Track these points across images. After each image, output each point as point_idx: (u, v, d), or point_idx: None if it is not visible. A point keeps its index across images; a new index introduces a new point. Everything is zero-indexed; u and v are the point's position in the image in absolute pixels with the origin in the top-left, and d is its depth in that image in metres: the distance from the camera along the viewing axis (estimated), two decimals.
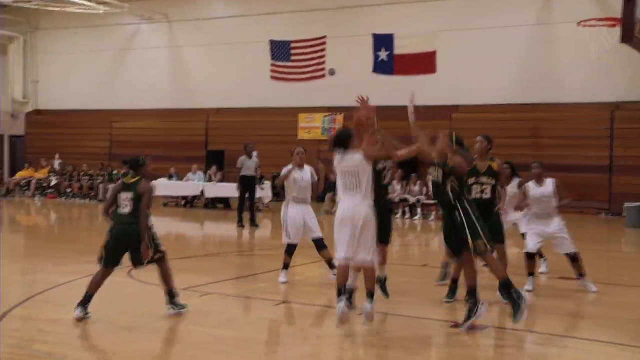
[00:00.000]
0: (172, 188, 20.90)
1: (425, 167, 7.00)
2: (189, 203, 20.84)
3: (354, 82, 21.57)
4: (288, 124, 22.86)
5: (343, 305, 5.96)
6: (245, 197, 15.45)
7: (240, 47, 23.78)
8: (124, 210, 6.36)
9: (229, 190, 19.01)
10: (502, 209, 7.82)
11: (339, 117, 22.17)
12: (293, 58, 23.03)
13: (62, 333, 5.99)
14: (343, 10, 22.49)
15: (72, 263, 9.82)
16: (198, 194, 20.52)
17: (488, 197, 7.40)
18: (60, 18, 26.02)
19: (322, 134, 22.46)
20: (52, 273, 8.87)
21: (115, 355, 5.50)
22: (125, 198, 6.35)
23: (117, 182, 21.81)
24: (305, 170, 8.78)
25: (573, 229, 8.31)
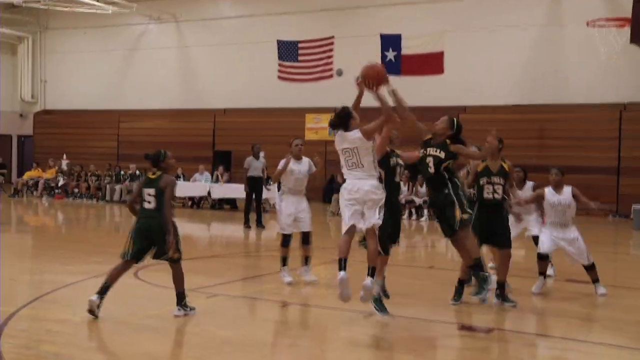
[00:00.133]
0: (179, 189, 20.75)
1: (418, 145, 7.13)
2: (196, 204, 20.88)
3: None
4: (295, 125, 22.83)
5: (344, 274, 5.99)
6: (252, 198, 15.48)
7: (248, 47, 23.81)
8: (149, 206, 6.47)
9: (236, 191, 19.03)
10: (516, 210, 7.73)
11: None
12: (301, 58, 23.01)
13: (69, 334, 6.01)
14: (351, 11, 22.48)
15: (80, 263, 9.87)
16: (205, 195, 20.54)
17: (500, 197, 7.35)
18: (69, 18, 26.13)
19: (329, 135, 22.40)
20: (60, 273, 8.90)
21: (123, 356, 5.53)
22: (149, 194, 6.47)
23: (124, 182, 22.32)
24: (303, 162, 8.84)
25: (581, 231, 8.26)
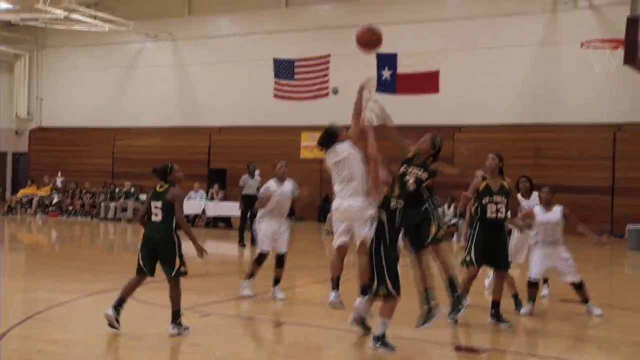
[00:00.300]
0: None
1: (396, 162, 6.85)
2: (191, 222, 20.78)
3: None
4: (291, 143, 22.85)
5: (334, 296, 6.21)
6: (247, 216, 15.43)
7: (244, 65, 23.87)
8: (155, 219, 6.53)
9: (231, 209, 18.99)
10: (525, 227, 7.56)
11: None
12: (297, 76, 23.08)
13: (61, 354, 5.95)
14: (347, 29, 22.22)
15: (74, 281, 9.80)
16: (200, 213, 20.49)
17: (503, 216, 7.22)
18: (67, 36, 26.19)
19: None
20: (53, 291, 8.84)
21: None
22: (156, 206, 6.52)
23: (119, 200, 22.26)
24: (286, 185, 8.81)
25: (575, 251, 8.26)
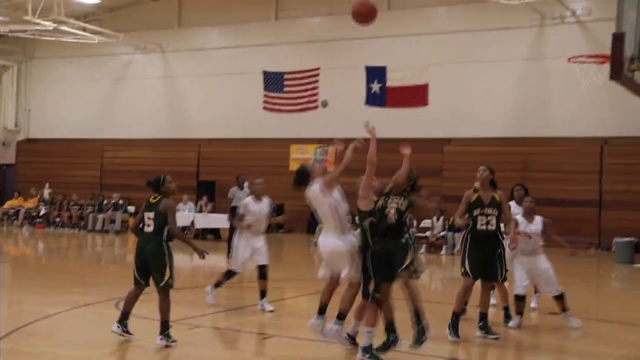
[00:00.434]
0: None
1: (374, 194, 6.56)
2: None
3: (347, 114, 21.71)
4: (280, 155, 22.88)
5: (313, 320, 6.29)
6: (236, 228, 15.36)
7: (233, 77, 23.91)
8: (148, 229, 6.66)
9: (220, 221, 18.94)
10: (514, 239, 7.36)
11: (331, 148, 22.25)
12: (286, 89, 23.14)
13: None
14: (336, 43, 22.70)
15: (61, 294, 9.73)
16: (188, 225, 20.43)
17: (493, 228, 7.18)
18: (55, 47, 26.12)
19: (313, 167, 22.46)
20: (40, 304, 8.75)
21: None
22: (149, 217, 6.65)
23: (107, 211, 22.15)
24: (263, 202, 8.97)
25: (563, 264, 8.31)
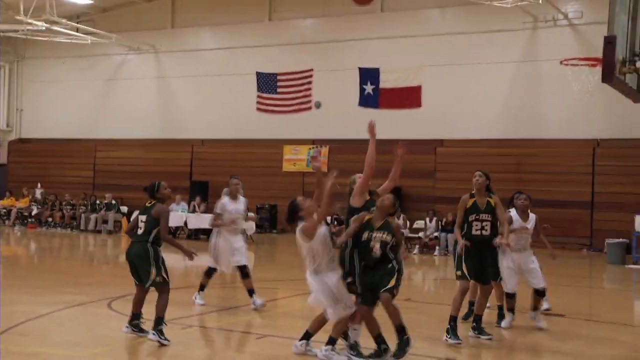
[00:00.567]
0: None
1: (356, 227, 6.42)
2: (172, 234, 20.69)
3: (340, 115, 21.77)
4: (273, 156, 22.89)
5: (298, 343, 6.39)
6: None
7: (227, 78, 23.90)
8: (140, 232, 6.87)
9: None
10: (505, 245, 7.37)
11: (325, 149, 22.27)
12: (279, 90, 23.15)
13: None
14: (330, 44, 22.73)
15: (53, 294, 9.69)
16: (181, 225, 20.40)
17: (488, 234, 7.23)
18: (48, 48, 26.03)
19: (307, 167, 22.52)
20: (31, 304, 8.70)
21: None
22: (142, 221, 6.87)
23: (99, 211, 22.08)
24: (240, 201, 9.03)
25: (555, 265, 8.34)
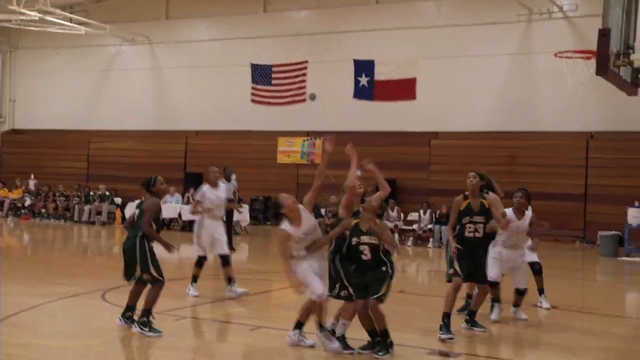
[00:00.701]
0: None
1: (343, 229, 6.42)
2: (166, 225, 20.66)
3: (335, 107, 21.74)
4: (268, 148, 22.87)
5: (292, 333, 6.47)
6: (223, 220, 15.36)
7: (222, 70, 23.83)
8: (134, 225, 6.93)
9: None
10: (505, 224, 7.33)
11: (319, 141, 22.25)
12: (274, 82, 23.11)
13: (33, 358, 5.88)
14: (325, 36, 22.67)
15: (47, 285, 9.67)
16: (175, 217, 20.38)
17: (480, 236, 7.20)
18: (41, 38, 25.89)
19: (301, 158, 22.51)
20: (24, 295, 8.68)
21: None
22: (136, 214, 6.98)
23: (93, 203, 22.05)
24: (220, 189, 9.34)
25: (548, 257, 8.36)
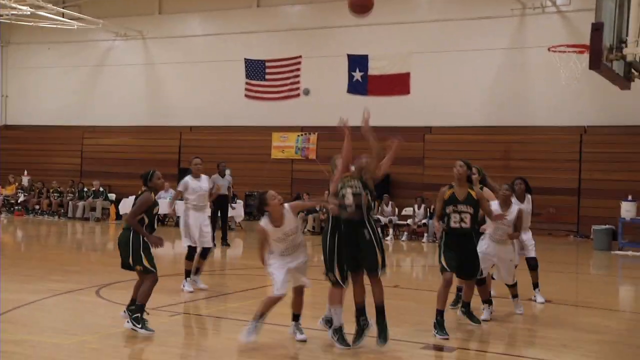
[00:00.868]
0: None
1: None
2: (160, 221, 20.64)
3: (329, 102, 21.69)
4: (262, 143, 22.83)
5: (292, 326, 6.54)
6: (218, 215, 15.41)
7: (215, 65, 23.76)
8: None
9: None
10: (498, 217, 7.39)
11: (313, 136, 22.23)
12: (268, 77, 23.07)
13: (27, 355, 5.86)
14: (318, 31, 22.63)
15: (41, 281, 9.65)
16: (170, 212, 20.30)
17: (467, 226, 7.01)
18: (33, 33, 25.75)
19: (295, 154, 22.49)
20: (18, 292, 8.66)
21: None
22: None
23: (87, 199, 21.99)
24: (203, 180, 9.52)
25: (542, 251, 8.38)
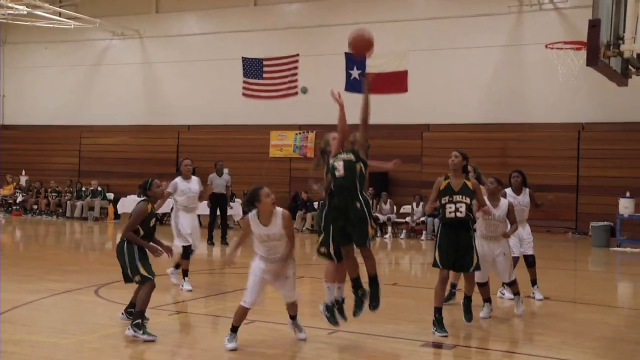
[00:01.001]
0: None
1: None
2: (159, 220, 20.63)
3: (326, 100, 21.49)
4: (260, 142, 22.83)
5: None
6: (217, 214, 15.44)
7: (213, 64, 23.74)
8: None
9: (199, 208, 18.87)
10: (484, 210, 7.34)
11: (311, 135, 22.23)
12: (265, 76, 23.03)
13: (26, 354, 5.86)
14: (316, 29, 22.62)
15: (38, 281, 9.64)
16: (168, 212, 20.29)
17: (463, 216, 6.95)
18: (30, 32, 25.71)
19: (294, 152, 22.48)
20: (16, 292, 8.66)
21: None
22: None
23: (85, 198, 21.98)
24: (193, 181, 9.55)
25: (540, 248, 8.38)
